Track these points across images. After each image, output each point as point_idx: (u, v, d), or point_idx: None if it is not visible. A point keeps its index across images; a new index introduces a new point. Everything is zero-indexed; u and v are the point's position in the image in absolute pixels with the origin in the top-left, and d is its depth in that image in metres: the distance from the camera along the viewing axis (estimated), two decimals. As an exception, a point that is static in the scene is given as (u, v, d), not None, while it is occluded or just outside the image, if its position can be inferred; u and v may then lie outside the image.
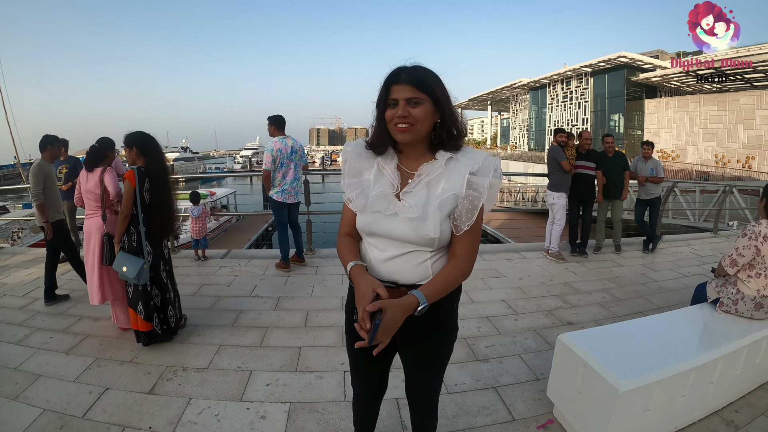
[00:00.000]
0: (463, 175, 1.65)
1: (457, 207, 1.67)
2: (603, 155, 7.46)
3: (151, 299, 3.88)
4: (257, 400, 3.14)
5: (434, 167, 1.69)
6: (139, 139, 3.87)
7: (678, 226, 15.24)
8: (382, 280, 1.73)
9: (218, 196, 22.89)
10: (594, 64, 46.23)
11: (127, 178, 3.78)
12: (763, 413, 3.12)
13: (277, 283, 5.66)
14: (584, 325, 4.47)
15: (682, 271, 6.71)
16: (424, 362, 1.94)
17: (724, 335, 3.16)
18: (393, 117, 1.63)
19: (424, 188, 1.68)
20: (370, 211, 1.73)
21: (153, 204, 3.82)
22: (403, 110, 1.60)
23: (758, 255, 3.37)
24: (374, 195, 1.72)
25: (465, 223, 1.68)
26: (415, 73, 1.63)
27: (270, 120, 6.21)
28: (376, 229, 1.73)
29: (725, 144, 36.30)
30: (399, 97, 1.61)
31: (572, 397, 2.79)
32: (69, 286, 5.43)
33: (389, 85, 1.64)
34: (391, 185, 1.73)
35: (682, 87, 44.20)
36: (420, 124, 1.63)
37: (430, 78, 1.65)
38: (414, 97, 1.60)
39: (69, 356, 3.73)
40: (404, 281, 1.74)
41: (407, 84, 1.61)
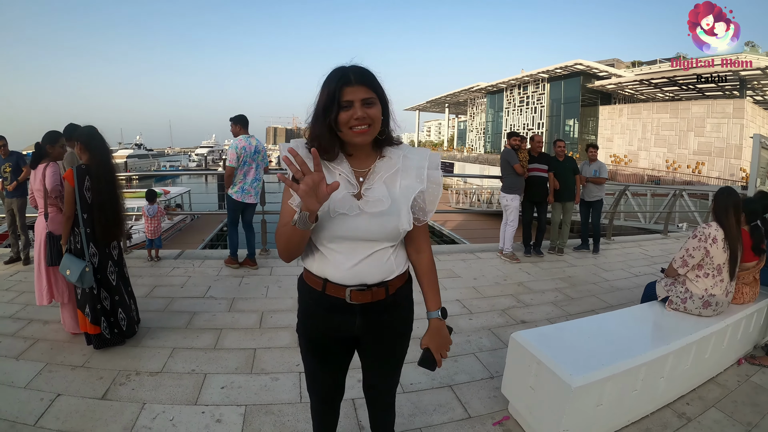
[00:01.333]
0: (421, 170, 1.70)
1: (417, 200, 1.70)
2: (554, 159, 7.59)
3: (98, 302, 3.69)
4: (212, 403, 3.07)
5: (390, 164, 1.69)
6: (83, 135, 3.67)
7: (629, 228, 15.62)
8: (351, 285, 1.70)
9: (172, 194, 22.40)
10: (551, 70, 46.97)
11: (66, 178, 3.64)
12: (714, 405, 3.21)
13: (232, 284, 5.57)
14: (538, 323, 4.51)
15: (633, 271, 6.88)
16: (386, 358, 1.96)
17: (673, 332, 3.24)
18: (349, 119, 1.56)
19: (382, 184, 1.67)
20: (333, 214, 1.63)
21: (94, 205, 3.63)
22: (362, 111, 1.55)
23: (707, 256, 3.47)
24: (336, 199, 1.61)
25: (428, 214, 1.74)
26: (363, 72, 1.60)
27: (233, 120, 6.18)
28: (343, 233, 1.64)
29: (676, 150, 37.31)
30: (354, 98, 1.55)
31: (526, 394, 2.80)
32: (18, 288, 5.21)
33: (340, 86, 1.56)
34: (351, 186, 1.66)
35: (636, 95, 45.34)
36: (376, 124, 1.61)
37: (375, 77, 1.62)
38: (368, 98, 1.57)
39: (19, 361, 3.55)
40: (372, 281, 1.72)
41: (361, 85, 1.57)
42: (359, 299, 1.71)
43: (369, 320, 1.77)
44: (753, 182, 13.73)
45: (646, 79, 39.62)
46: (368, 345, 1.91)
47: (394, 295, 1.77)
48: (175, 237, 19.23)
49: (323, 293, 1.73)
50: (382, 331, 1.84)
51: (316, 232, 1.66)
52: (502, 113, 56.89)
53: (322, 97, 1.60)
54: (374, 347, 1.92)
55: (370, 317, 1.76)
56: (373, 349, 1.93)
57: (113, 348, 3.77)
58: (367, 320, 1.77)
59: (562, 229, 7.84)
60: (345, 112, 1.56)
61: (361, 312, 1.75)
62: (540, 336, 2.97)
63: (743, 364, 3.85)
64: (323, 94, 1.60)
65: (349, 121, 1.57)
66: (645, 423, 2.97)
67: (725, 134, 33.95)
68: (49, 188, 4.11)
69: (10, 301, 4.81)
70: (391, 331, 1.87)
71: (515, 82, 53.49)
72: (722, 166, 34.00)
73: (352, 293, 1.70)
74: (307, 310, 1.86)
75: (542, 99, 49.88)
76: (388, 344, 1.91)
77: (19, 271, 5.51)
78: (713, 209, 3.61)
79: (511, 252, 7.19)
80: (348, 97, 1.55)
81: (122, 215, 3.86)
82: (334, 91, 1.56)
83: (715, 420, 3.05)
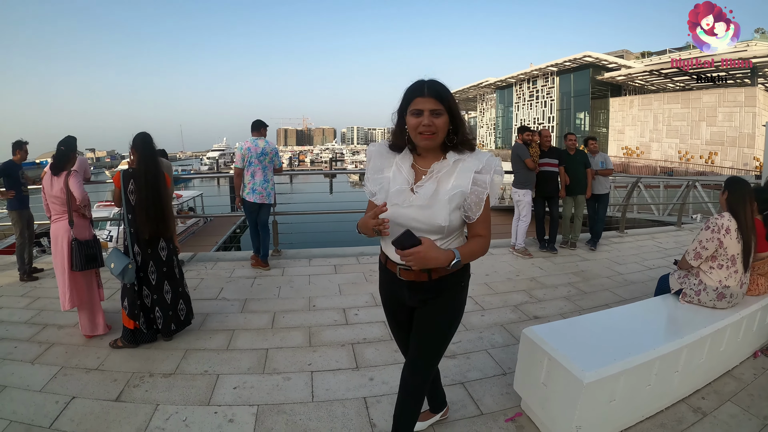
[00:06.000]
0: (470, 174, 1.95)
1: (466, 200, 1.96)
2: (565, 153, 7.51)
3: (138, 298, 3.87)
4: (225, 403, 3.09)
5: (444, 166, 1.98)
6: (136, 140, 3.93)
7: (643, 220, 15.50)
8: (399, 264, 2.06)
9: (185, 198, 22.49)
10: (560, 63, 46.77)
11: (114, 180, 3.92)
12: (730, 399, 3.17)
13: (244, 286, 5.58)
14: (550, 318, 4.48)
15: (646, 264, 6.81)
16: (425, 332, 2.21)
17: (687, 325, 3.19)
18: (418, 125, 1.89)
19: (434, 183, 1.96)
20: (390, 204, 1.98)
21: (136, 206, 3.82)
22: (429, 120, 1.87)
23: (720, 247, 3.41)
24: (393, 191, 2.00)
25: (475, 213, 1.98)
26: (435, 87, 1.88)
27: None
28: (395, 219, 1.97)
29: (688, 140, 37.04)
30: (424, 108, 1.87)
31: (538, 390, 2.78)
32: (33, 294, 5.26)
33: (413, 96, 1.90)
34: (406, 182, 2.01)
35: (646, 86, 45.03)
36: (441, 132, 1.91)
37: (447, 92, 1.91)
38: (437, 109, 1.87)
39: (34, 366, 3.59)
40: None
41: (431, 97, 1.86)
42: (405, 276, 2.10)
43: (416, 296, 2.14)
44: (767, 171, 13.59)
45: (656, 69, 39.30)
46: (417, 317, 2.22)
47: (437, 280, 2.07)
48: (189, 240, 19.29)
49: (385, 267, 2.24)
50: (427, 307, 2.16)
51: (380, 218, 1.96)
52: (512, 108, 56.75)
53: (401, 103, 1.96)
54: (419, 320, 2.21)
55: (416, 293, 2.13)
56: (418, 321, 2.22)
57: (128, 350, 3.83)
58: (413, 295, 2.14)
59: (574, 223, 7.76)
60: (415, 118, 1.90)
61: (408, 287, 2.13)
62: (551, 331, 2.94)
63: (759, 356, 3.79)
64: (402, 100, 1.95)
65: (417, 127, 1.90)
66: (660, 418, 2.94)
67: (737, 123, 33.65)
68: (79, 198, 4.19)
69: (25, 307, 4.85)
70: (434, 310, 2.15)
71: (524, 76, 53.31)
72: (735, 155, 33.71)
73: (401, 270, 2.11)
74: (380, 278, 2.36)
75: (552, 92, 49.69)
76: (427, 317, 2.18)
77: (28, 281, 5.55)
78: (727, 200, 3.54)
79: (524, 247, 7.14)
80: (419, 106, 1.88)
81: (167, 215, 3.97)
82: (409, 99, 1.91)
83: (731, 414, 3.00)
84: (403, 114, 1.97)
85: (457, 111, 1.93)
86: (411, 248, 1.79)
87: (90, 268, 4.14)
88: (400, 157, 2.08)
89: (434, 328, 2.19)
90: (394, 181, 2.03)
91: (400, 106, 1.97)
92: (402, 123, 1.99)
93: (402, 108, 1.97)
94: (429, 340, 2.21)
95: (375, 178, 2.12)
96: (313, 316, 4.58)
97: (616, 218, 10.27)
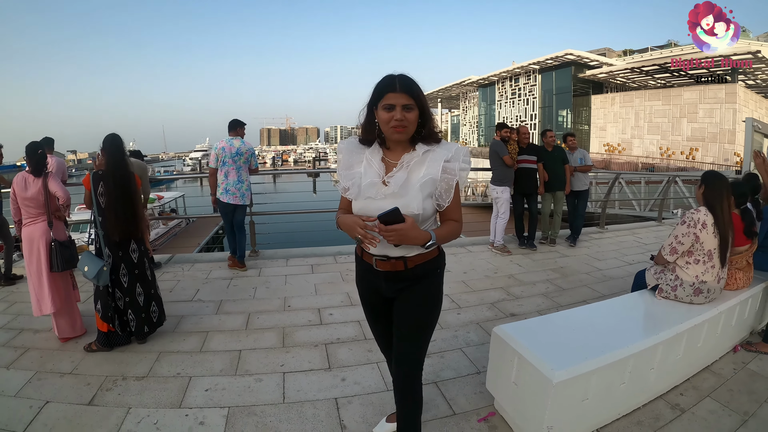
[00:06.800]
0: (440, 162, 2.00)
1: (437, 189, 2.02)
2: (543, 149, 7.48)
3: (112, 301, 3.83)
4: (196, 405, 3.07)
5: (414, 156, 2.02)
6: (105, 141, 3.91)
7: (624, 216, 15.55)
8: (376, 255, 2.10)
9: (166, 200, 22.36)
10: (542, 61, 47.14)
11: (84, 183, 3.91)
12: (709, 395, 3.15)
13: (220, 287, 5.52)
14: (527, 316, 4.44)
15: (626, 260, 6.82)
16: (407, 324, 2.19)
17: (663, 321, 3.15)
18: (390, 119, 1.94)
19: (405, 172, 2.00)
20: (363, 197, 2.03)
21: (106, 207, 3.79)
22: (401, 114, 1.92)
23: (697, 242, 3.38)
24: (365, 184, 2.02)
25: (446, 200, 2.04)
26: (407, 83, 1.94)
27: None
28: (370, 212, 1.97)
29: (669, 137, 37.46)
30: (396, 102, 1.92)
31: (510, 390, 2.74)
32: (9, 299, 5.16)
33: (385, 91, 1.94)
34: (377, 174, 2.04)
35: (628, 83, 45.45)
36: (411, 126, 1.98)
37: (417, 87, 1.96)
38: (408, 104, 1.93)
39: (9, 370, 3.55)
40: (393, 254, 2.07)
41: (403, 92, 1.92)
42: (381, 267, 2.11)
43: (393, 286, 2.15)
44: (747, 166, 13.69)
45: (638, 66, 39.72)
46: (396, 308, 2.21)
47: (413, 269, 2.09)
48: (171, 242, 19.15)
49: (361, 259, 2.25)
50: (406, 298, 2.16)
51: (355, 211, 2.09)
52: (494, 106, 57.16)
53: (372, 97, 2.01)
54: (399, 311, 2.20)
55: (393, 284, 2.14)
56: (398, 312, 2.21)
57: (102, 354, 3.80)
58: (390, 286, 2.15)
59: (554, 220, 7.75)
60: (387, 113, 1.95)
61: (385, 278, 2.13)
62: (522, 329, 2.89)
63: (739, 351, 3.78)
64: (373, 94, 2.00)
65: (390, 121, 1.95)
66: (636, 416, 2.90)
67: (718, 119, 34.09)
68: (64, 198, 4.25)
69: (2, 312, 4.78)
70: (412, 297, 2.15)
71: (506, 74, 53.72)
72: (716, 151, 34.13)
73: (377, 261, 2.11)
74: (357, 271, 2.36)
75: (534, 90, 50.10)
76: (407, 307, 2.17)
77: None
78: (703, 194, 3.50)
79: (502, 244, 7.10)
80: (391, 100, 1.93)
81: (137, 216, 3.94)
82: (380, 93, 1.96)
83: (710, 410, 2.98)
84: (373, 108, 2.02)
85: (426, 105, 1.99)
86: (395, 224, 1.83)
87: (68, 268, 4.10)
88: (369, 151, 2.11)
89: (414, 317, 2.18)
90: (366, 176, 2.06)
91: (370, 100, 2.02)
92: (372, 117, 2.04)
93: (372, 102, 2.01)
94: (411, 330, 2.20)
95: (346, 174, 2.14)
96: (287, 317, 4.53)
97: (597, 214, 10.28)
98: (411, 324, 2.19)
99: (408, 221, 1.84)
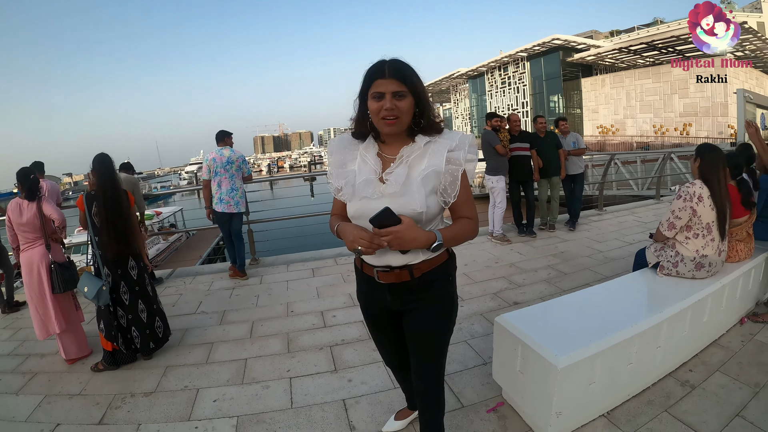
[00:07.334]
0: (443, 153, 1.78)
1: (441, 182, 1.79)
2: (535, 136, 7.47)
3: (114, 320, 3.84)
4: (205, 417, 3.06)
5: (413, 149, 1.81)
6: (94, 161, 3.91)
7: (623, 196, 15.52)
8: (377, 266, 1.90)
9: (164, 215, 22.36)
10: (529, 48, 47.20)
11: (78, 204, 3.92)
12: (718, 369, 3.13)
13: (222, 297, 5.51)
14: (530, 303, 4.41)
15: (626, 240, 6.81)
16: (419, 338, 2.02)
17: (666, 298, 3.13)
18: (380, 109, 1.72)
19: (405, 167, 1.79)
20: (358, 198, 1.82)
21: (101, 227, 3.80)
22: (390, 103, 1.70)
23: (694, 216, 3.35)
24: (360, 182, 1.82)
25: (451, 194, 1.80)
26: (398, 67, 1.72)
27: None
28: (367, 214, 1.73)
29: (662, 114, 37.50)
30: (385, 90, 1.70)
31: (516, 378, 2.73)
32: (15, 325, 5.17)
33: (374, 78, 1.72)
34: (373, 171, 1.83)
35: (617, 63, 45.42)
36: (405, 116, 1.75)
37: (411, 71, 1.74)
38: (399, 91, 1.70)
39: (19, 396, 3.57)
40: (396, 263, 1.86)
41: (393, 78, 1.70)
42: (384, 279, 1.90)
43: (399, 299, 1.94)
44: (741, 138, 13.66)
45: (625, 46, 39.73)
46: (406, 321, 2.03)
47: (421, 278, 1.87)
48: (172, 256, 19.14)
49: (361, 271, 2.02)
50: (414, 310, 1.96)
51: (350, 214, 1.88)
52: (485, 96, 57.30)
53: (362, 85, 1.78)
54: (409, 325, 2.02)
55: (399, 296, 1.93)
56: (408, 327, 2.03)
57: (109, 373, 3.81)
58: (396, 298, 1.94)
59: (551, 205, 7.72)
60: (377, 102, 1.73)
61: (389, 290, 1.93)
62: (524, 317, 2.88)
63: (746, 323, 3.77)
64: (362, 83, 1.78)
65: (379, 111, 1.73)
66: (647, 395, 2.89)
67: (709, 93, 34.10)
68: (60, 220, 4.27)
69: (8, 339, 4.79)
70: (423, 311, 1.95)
71: (495, 64, 53.81)
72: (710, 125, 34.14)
73: (379, 273, 1.90)
74: (358, 284, 2.15)
75: (524, 78, 50.21)
76: (420, 324, 1.98)
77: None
78: (699, 167, 3.46)
79: (502, 234, 7.09)
80: (380, 88, 1.71)
81: (131, 232, 3.93)
82: (369, 81, 1.74)
83: (721, 384, 2.96)
84: (364, 98, 1.80)
85: (422, 92, 1.77)
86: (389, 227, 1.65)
87: (69, 289, 4.10)
88: (363, 146, 1.90)
89: (429, 334, 2.00)
90: (360, 173, 1.86)
91: (360, 89, 1.80)
92: (364, 108, 1.82)
93: (363, 91, 1.79)
94: (427, 350, 2.04)
95: (338, 172, 1.94)
96: (291, 322, 4.52)
97: (595, 197, 10.27)
98: (426, 343, 2.02)
99: (405, 221, 1.66)
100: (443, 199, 1.82)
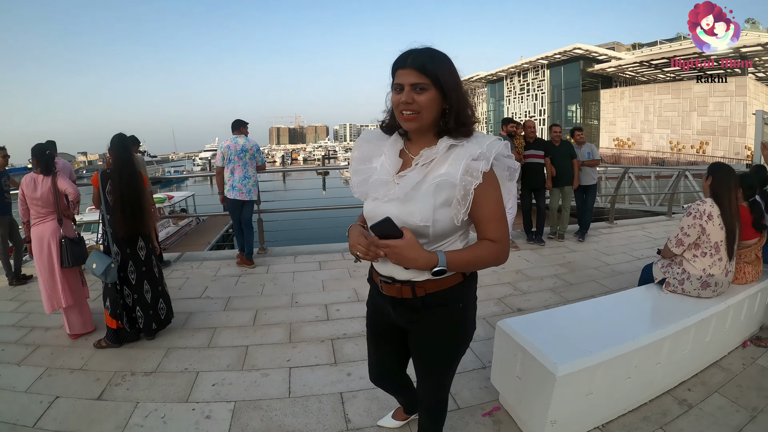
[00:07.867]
0: (463, 160, 1.52)
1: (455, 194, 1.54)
2: (550, 144, 7.44)
3: (120, 298, 3.88)
4: (203, 400, 3.10)
5: (433, 153, 1.58)
6: (113, 141, 3.97)
7: (634, 211, 15.46)
8: (382, 275, 1.74)
9: (176, 199, 22.44)
10: (550, 56, 46.95)
11: (92, 182, 3.96)
12: (717, 390, 3.12)
13: (228, 284, 5.56)
14: (534, 310, 4.41)
15: (635, 254, 6.77)
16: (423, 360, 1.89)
17: (670, 315, 3.12)
18: (398, 103, 1.54)
19: (420, 172, 1.58)
20: (371, 198, 1.68)
21: (114, 205, 3.83)
22: (407, 96, 1.51)
23: (703, 234, 3.34)
24: (373, 182, 1.66)
25: (460, 211, 1.55)
26: (421, 56, 1.52)
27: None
28: (374, 218, 1.58)
29: (680, 131, 37.21)
30: (404, 82, 1.52)
31: (514, 384, 2.73)
32: (21, 297, 5.24)
33: (396, 67, 1.56)
34: (389, 171, 1.65)
35: (637, 77, 45.15)
36: (426, 112, 1.54)
37: (438, 61, 1.54)
38: (419, 83, 1.51)
39: (20, 367, 3.63)
40: (400, 277, 1.68)
41: (412, 69, 1.51)
42: (386, 291, 1.74)
43: (401, 316, 1.77)
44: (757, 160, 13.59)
45: (646, 60, 39.47)
46: (410, 339, 1.88)
47: (425, 298, 1.67)
48: (182, 241, 19.24)
49: (370, 276, 1.88)
50: (417, 332, 1.80)
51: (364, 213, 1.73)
52: (503, 102, 57.12)
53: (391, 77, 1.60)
54: (413, 344, 1.87)
55: (401, 313, 1.76)
56: (413, 346, 1.89)
57: (111, 350, 3.86)
58: (399, 314, 1.77)
59: (562, 215, 7.69)
60: (396, 94, 1.56)
61: (392, 304, 1.76)
62: (527, 323, 2.88)
63: (749, 346, 3.74)
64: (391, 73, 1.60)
65: (398, 105, 1.55)
66: (643, 411, 2.88)
67: (728, 113, 33.81)
68: (75, 194, 4.36)
69: (14, 310, 4.86)
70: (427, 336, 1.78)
71: (515, 69, 53.57)
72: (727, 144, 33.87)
73: (382, 284, 1.75)
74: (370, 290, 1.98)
75: (543, 85, 49.96)
76: (423, 348, 1.85)
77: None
78: (710, 186, 3.45)
79: (510, 240, 7.01)
80: (399, 79, 1.54)
81: (144, 212, 3.99)
82: (393, 71, 1.57)
83: (719, 406, 2.95)
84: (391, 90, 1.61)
85: (452, 85, 1.54)
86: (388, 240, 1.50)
87: (78, 264, 4.18)
88: (390, 142, 1.72)
89: (431, 358, 1.85)
90: (379, 172, 1.68)
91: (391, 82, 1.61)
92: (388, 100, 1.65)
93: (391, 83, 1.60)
94: (432, 373, 1.89)
95: (359, 168, 1.76)
96: (294, 313, 4.56)
97: (606, 209, 10.24)
98: (429, 368, 1.88)
99: (406, 237, 1.50)
100: (455, 214, 1.56)
